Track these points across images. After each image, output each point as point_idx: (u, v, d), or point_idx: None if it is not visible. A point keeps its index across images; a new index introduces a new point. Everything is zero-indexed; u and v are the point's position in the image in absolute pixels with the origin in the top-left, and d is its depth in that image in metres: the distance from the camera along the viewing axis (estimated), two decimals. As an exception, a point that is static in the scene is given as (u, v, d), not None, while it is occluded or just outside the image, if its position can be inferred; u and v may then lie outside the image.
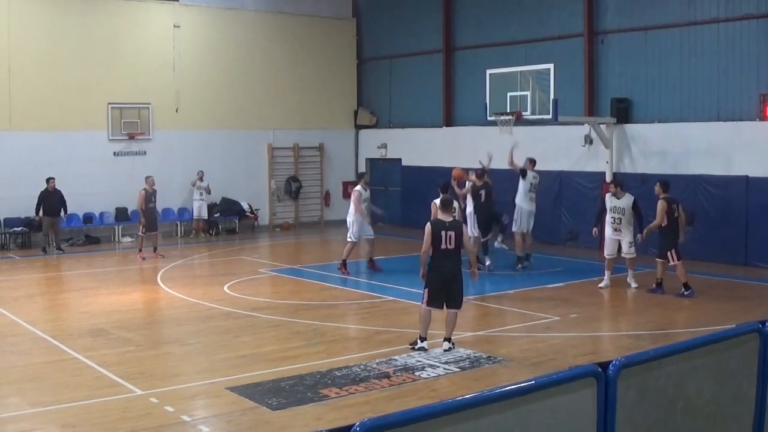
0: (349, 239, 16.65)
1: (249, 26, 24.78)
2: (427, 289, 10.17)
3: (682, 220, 14.20)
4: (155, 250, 19.07)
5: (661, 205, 13.82)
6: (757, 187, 16.81)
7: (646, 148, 19.09)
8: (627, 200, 14.46)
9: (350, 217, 16.77)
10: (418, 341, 10.34)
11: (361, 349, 10.51)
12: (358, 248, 16.98)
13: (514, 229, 16.79)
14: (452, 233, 9.99)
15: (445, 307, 10.27)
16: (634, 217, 14.44)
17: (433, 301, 10.16)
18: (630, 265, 14.71)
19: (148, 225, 18.80)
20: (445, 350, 10.20)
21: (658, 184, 14.40)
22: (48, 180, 19.97)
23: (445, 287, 10.13)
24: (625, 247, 14.57)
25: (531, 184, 16.88)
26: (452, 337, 10.38)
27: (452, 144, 23.66)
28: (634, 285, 14.60)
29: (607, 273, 14.74)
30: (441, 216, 10.32)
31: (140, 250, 18.87)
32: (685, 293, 13.80)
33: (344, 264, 16.49)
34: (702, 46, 18.10)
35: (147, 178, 19.21)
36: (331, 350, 10.49)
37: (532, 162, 17.32)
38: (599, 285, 14.71)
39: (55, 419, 7.92)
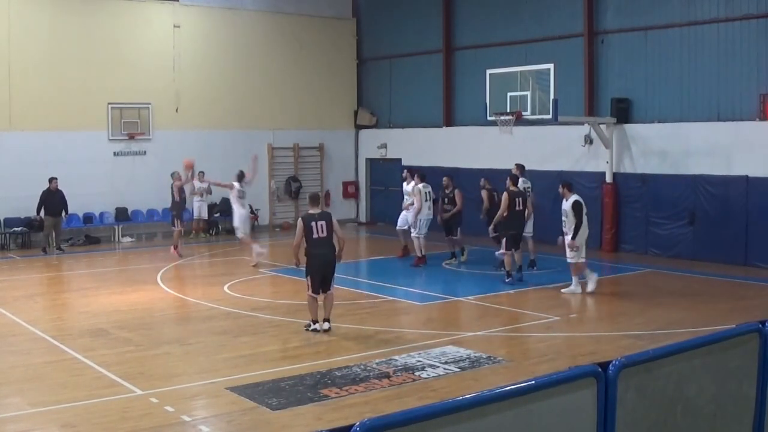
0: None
1: (249, 26, 24.77)
2: (309, 277, 11.31)
3: (529, 211, 15.79)
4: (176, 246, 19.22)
5: (504, 196, 15.05)
6: (757, 187, 16.81)
7: (646, 148, 19.09)
8: (569, 202, 14.00)
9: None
10: (311, 324, 11.39)
11: (361, 349, 10.52)
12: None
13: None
14: (322, 223, 11.26)
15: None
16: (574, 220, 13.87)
17: (315, 289, 11.32)
18: (572, 270, 14.17)
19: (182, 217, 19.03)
20: (325, 330, 11.24)
21: (508, 177, 15.35)
22: (50, 180, 19.98)
23: (321, 272, 11.28)
24: (567, 252, 14.17)
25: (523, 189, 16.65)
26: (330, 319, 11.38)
27: (452, 144, 23.67)
28: (564, 290, 14.19)
29: (590, 275, 14.22)
30: (310, 210, 11.50)
31: (176, 246, 18.91)
32: (506, 280, 14.91)
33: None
34: (702, 46, 18.10)
35: (174, 173, 19.26)
36: (331, 350, 10.49)
37: (520, 168, 16.83)
38: (587, 290, 14.24)
39: (55, 419, 7.92)
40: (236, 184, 17.98)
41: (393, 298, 14.09)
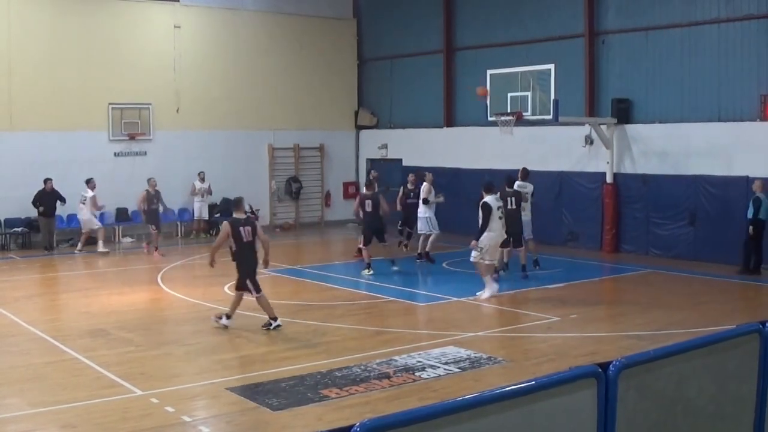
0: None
1: (249, 26, 24.77)
2: (241, 278, 11.55)
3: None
4: (156, 248, 19.33)
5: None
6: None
7: (646, 149, 19.09)
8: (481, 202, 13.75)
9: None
10: (224, 317, 11.59)
11: (361, 349, 10.51)
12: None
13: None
14: (249, 228, 11.61)
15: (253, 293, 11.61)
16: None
17: (241, 287, 11.60)
18: (480, 271, 13.80)
19: (154, 224, 19.50)
20: (278, 326, 11.45)
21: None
22: (45, 181, 20.02)
23: (252, 275, 11.61)
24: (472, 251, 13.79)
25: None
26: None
27: (453, 144, 23.67)
28: (478, 293, 13.70)
29: (489, 284, 13.73)
30: (235, 214, 11.77)
31: (156, 248, 19.44)
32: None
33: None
34: (702, 46, 18.10)
35: (149, 179, 19.72)
36: (331, 350, 10.48)
37: (523, 172, 16.75)
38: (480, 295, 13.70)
39: (55, 419, 7.92)
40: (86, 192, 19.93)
41: (393, 298, 14.08)
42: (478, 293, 13.77)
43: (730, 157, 17.41)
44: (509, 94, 18.38)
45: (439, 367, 9.56)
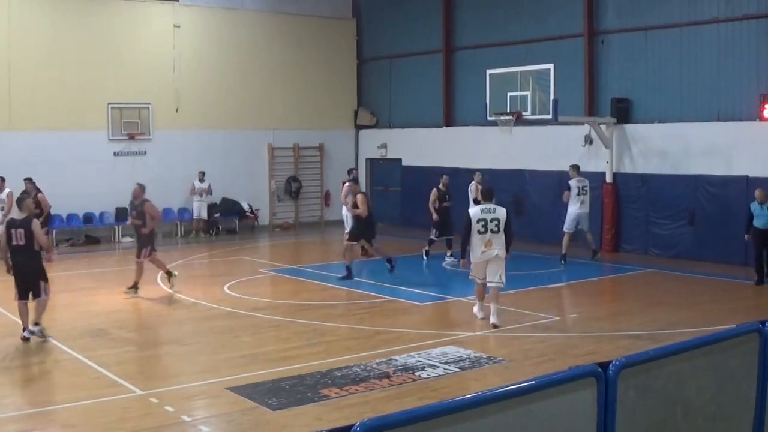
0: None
1: (249, 26, 24.78)
2: (15, 285, 10.93)
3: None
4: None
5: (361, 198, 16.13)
6: (757, 187, 16.72)
7: (646, 148, 19.09)
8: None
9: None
10: (23, 331, 10.93)
11: (361, 349, 10.51)
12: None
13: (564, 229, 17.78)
14: (21, 230, 10.78)
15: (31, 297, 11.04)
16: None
17: (21, 296, 10.92)
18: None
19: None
20: (31, 332, 10.83)
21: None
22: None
23: (24, 280, 10.87)
24: None
25: (578, 188, 17.71)
26: (41, 323, 11.03)
27: (452, 144, 23.67)
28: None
29: (482, 307, 12.20)
30: (13, 215, 11.22)
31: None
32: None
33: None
34: (702, 46, 18.10)
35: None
36: (331, 350, 10.49)
37: (575, 168, 17.91)
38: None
39: (55, 419, 7.93)
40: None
41: (393, 298, 14.08)
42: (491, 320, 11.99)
43: (729, 156, 17.42)
44: (509, 94, 18.41)
45: (438, 367, 9.57)
